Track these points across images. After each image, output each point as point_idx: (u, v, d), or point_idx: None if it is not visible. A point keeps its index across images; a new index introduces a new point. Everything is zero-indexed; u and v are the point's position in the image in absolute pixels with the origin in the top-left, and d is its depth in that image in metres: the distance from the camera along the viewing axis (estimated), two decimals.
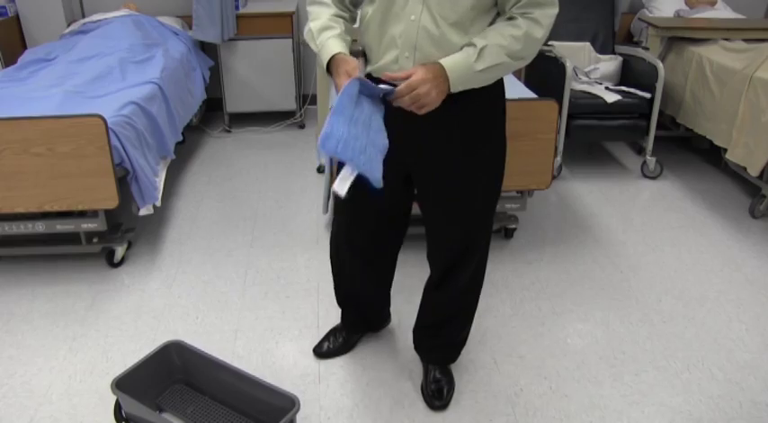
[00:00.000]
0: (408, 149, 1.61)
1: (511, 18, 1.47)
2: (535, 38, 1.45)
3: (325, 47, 1.54)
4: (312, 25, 1.59)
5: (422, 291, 1.97)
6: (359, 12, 1.66)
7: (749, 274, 2.66)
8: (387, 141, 1.47)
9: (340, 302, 2.13)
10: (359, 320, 2.15)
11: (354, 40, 1.63)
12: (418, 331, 2.04)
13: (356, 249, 1.92)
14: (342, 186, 1.42)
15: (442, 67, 1.44)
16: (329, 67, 1.55)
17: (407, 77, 1.42)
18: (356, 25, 1.66)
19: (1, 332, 2.27)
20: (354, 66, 1.47)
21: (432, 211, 1.77)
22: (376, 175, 1.44)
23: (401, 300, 2.37)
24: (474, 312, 1.97)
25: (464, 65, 1.44)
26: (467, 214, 1.72)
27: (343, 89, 1.40)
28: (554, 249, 2.84)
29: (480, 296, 1.91)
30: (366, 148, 1.43)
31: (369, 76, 1.57)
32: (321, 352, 2.12)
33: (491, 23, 1.50)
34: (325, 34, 1.56)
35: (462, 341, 2.01)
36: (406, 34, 1.47)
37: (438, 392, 1.94)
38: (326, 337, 2.16)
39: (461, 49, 1.47)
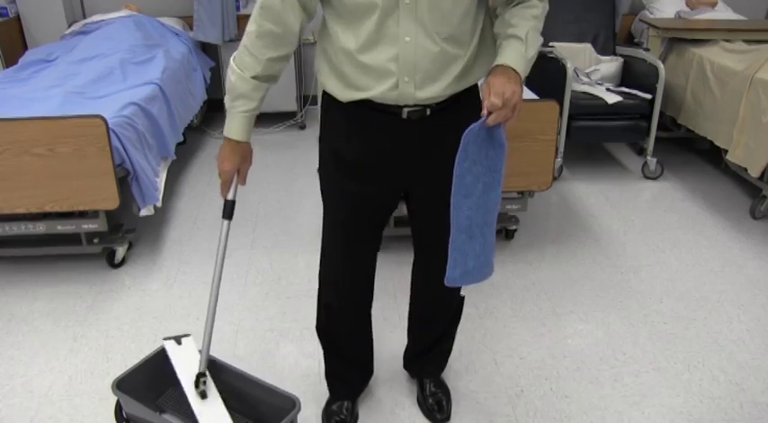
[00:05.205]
0: (406, 167, 1.55)
1: (519, 3, 1.42)
2: (545, 11, 1.45)
3: (233, 120, 1.50)
4: (233, 79, 1.47)
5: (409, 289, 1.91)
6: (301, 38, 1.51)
7: (750, 274, 2.65)
8: (498, 196, 1.44)
9: (338, 369, 1.91)
10: (361, 376, 1.96)
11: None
12: (411, 353, 2.00)
13: (356, 292, 1.79)
14: None
15: (508, 68, 1.35)
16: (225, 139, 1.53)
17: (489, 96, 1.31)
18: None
19: (2, 333, 2.27)
20: (248, 166, 1.65)
21: (423, 224, 1.71)
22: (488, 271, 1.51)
23: (397, 300, 2.38)
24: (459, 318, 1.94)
25: (521, 56, 1.37)
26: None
27: (456, 182, 1.36)
28: (555, 250, 2.84)
29: (480, 297, 1.90)
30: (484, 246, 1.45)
31: (366, 101, 1.44)
32: None
33: (473, 26, 1.43)
34: (240, 105, 1.49)
35: (450, 348, 1.98)
36: (402, 57, 1.37)
37: (438, 405, 1.91)
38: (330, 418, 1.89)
39: (506, 41, 1.38)
